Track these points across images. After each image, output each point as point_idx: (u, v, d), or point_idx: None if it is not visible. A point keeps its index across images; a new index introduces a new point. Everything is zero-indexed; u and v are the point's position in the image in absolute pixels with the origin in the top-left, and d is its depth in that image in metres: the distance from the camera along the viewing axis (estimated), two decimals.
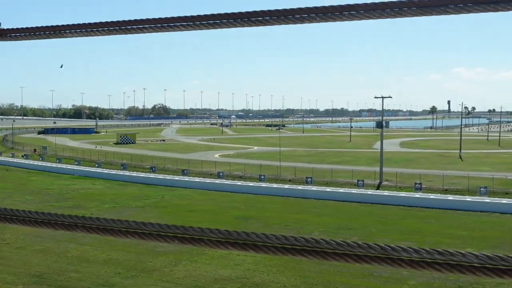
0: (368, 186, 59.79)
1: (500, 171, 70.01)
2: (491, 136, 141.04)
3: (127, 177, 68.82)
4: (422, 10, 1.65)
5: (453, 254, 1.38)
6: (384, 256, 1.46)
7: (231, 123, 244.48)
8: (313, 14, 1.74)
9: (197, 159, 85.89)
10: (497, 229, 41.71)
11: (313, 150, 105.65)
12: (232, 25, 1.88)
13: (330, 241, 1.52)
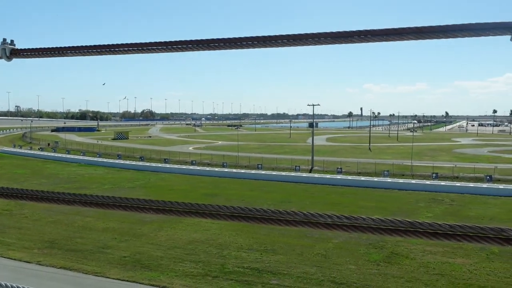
0: (303, 171, 60.43)
1: (398, 158, 71.92)
2: (391, 133, 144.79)
3: (121, 164, 67.30)
4: (341, 40, 1.63)
5: (365, 219, 1.35)
6: (316, 221, 1.42)
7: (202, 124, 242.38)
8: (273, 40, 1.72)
9: (176, 150, 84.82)
10: (396, 201, 42.84)
11: (262, 144, 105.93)
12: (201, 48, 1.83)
13: (275, 211, 1.48)
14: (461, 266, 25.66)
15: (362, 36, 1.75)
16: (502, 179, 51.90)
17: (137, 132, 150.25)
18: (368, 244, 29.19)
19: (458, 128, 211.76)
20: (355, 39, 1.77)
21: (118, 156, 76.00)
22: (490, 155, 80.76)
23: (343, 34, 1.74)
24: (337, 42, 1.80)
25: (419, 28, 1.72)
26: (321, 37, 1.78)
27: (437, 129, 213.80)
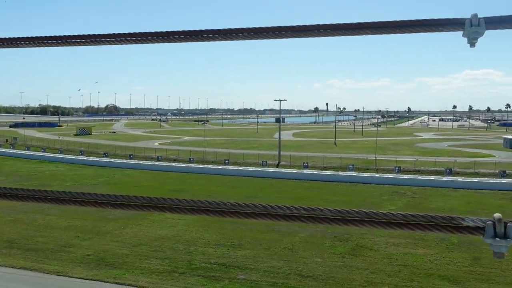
0: (270, 165, 60.76)
1: (363, 153, 73.41)
2: (356, 128, 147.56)
3: (84, 161, 65.63)
4: (302, 33, 1.64)
5: (322, 210, 1.37)
6: (275, 213, 1.44)
7: (168, 119, 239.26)
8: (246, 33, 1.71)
9: (141, 146, 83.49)
10: (360, 195, 43.77)
11: (229, 139, 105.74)
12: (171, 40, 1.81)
13: (242, 204, 1.48)
14: (422, 256, 26.53)
15: (328, 30, 1.77)
16: (461, 172, 53.89)
17: (101, 128, 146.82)
18: (334, 237, 29.72)
19: (420, 123, 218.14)
20: (321, 33, 1.79)
21: (81, 152, 74.07)
22: (450, 149, 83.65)
23: (309, 28, 1.76)
24: (301, 35, 1.82)
25: (376, 23, 1.76)
26: (282, 30, 1.80)
27: (400, 124, 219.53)
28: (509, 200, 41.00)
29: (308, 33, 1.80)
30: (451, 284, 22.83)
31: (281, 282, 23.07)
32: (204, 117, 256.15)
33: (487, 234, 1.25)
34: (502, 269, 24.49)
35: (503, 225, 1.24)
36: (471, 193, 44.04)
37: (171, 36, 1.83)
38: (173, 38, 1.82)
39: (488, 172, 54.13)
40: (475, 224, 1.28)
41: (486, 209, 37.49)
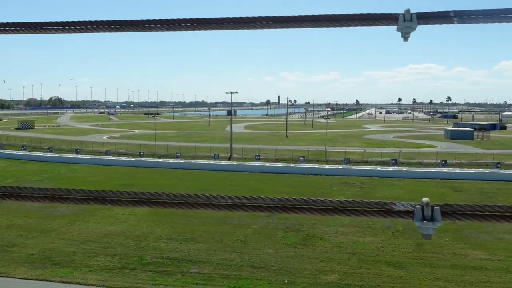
0: (222, 158, 60.65)
1: (313, 145, 74.84)
2: (307, 121, 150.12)
3: (27, 156, 62.54)
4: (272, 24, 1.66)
5: (264, 199, 1.41)
6: (217, 203, 1.45)
7: (116, 112, 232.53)
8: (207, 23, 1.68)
9: (88, 140, 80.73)
10: (311, 186, 44.68)
11: (181, 132, 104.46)
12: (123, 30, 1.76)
13: (193, 195, 1.48)
14: (370, 244, 27.55)
15: (270, 22, 1.79)
16: (405, 163, 56.29)
17: (45, 121, 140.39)
18: (286, 228, 30.21)
19: (367, 116, 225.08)
20: (270, 25, 1.81)
21: (23, 147, 70.48)
22: (395, 140, 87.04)
23: (257, 19, 1.77)
24: (250, 27, 1.83)
25: (316, 16, 1.81)
26: (230, 22, 1.80)
27: (349, 116, 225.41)
28: (449, 188, 43.34)
29: (257, 25, 1.82)
30: (397, 269, 23.89)
31: (234, 274, 23.21)
32: (155, 110, 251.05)
33: (416, 217, 1.33)
34: (443, 254, 25.92)
35: (430, 209, 1.33)
36: (415, 182, 46.13)
37: (116, 25, 1.78)
38: (119, 28, 1.78)
39: (431, 162, 56.88)
40: (406, 208, 1.35)
41: (429, 197, 38.80)
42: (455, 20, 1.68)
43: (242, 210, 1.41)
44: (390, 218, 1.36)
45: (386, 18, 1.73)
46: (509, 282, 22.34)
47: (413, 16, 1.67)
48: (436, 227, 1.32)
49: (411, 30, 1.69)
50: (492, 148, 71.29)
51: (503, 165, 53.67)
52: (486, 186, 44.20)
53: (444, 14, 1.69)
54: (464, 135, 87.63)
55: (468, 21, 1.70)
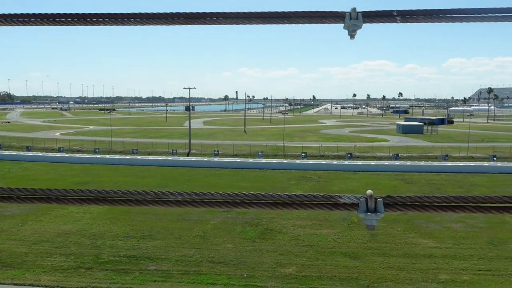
0: (180, 154, 60.01)
1: (271, 140, 75.45)
2: (265, 116, 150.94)
3: None
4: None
5: (213, 194, 1.41)
6: (166, 199, 1.44)
7: (70, 107, 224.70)
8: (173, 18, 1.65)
9: (40, 137, 77.53)
10: (270, 180, 45.04)
11: (138, 128, 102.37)
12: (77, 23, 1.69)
13: (142, 192, 1.46)
14: (326, 236, 28.16)
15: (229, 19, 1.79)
16: (360, 156, 57.84)
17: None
18: (244, 222, 30.33)
19: (323, 111, 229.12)
20: (228, 21, 1.80)
21: None
22: (350, 135, 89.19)
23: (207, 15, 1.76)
24: (206, 23, 1.82)
25: (266, 13, 1.82)
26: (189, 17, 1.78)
27: (306, 111, 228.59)
28: (401, 181, 44.94)
29: (207, 21, 1.81)
30: (352, 260, 24.56)
31: (192, 270, 23.09)
32: (110, 105, 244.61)
33: (361, 209, 1.38)
34: (396, 243, 26.89)
35: (374, 201, 1.37)
36: (369, 175, 47.50)
37: (68, 18, 1.72)
38: (71, 21, 1.72)
39: (384, 155, 58.73)
40: (351, 201, 1.39)
41: (382, 189, 40.73)
42: (398, 19, 1.74)
43: (192, 206, 1.40)
44: (337, 211, 1.40)
45: (333, 16, 1.76)
46: (455, 268, 23.49)
47: (359, 14, 1.72)
48: (379, 218, 1.37)
49: (357, 28, 1.73)
50: (441, 141, 74.51)
51: (450, 157, 56.22)
52: (435, 177, 46.15)
53: (388, 13, 1.74)
54: (414, 129, 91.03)
55: (411, 20, 1.77)
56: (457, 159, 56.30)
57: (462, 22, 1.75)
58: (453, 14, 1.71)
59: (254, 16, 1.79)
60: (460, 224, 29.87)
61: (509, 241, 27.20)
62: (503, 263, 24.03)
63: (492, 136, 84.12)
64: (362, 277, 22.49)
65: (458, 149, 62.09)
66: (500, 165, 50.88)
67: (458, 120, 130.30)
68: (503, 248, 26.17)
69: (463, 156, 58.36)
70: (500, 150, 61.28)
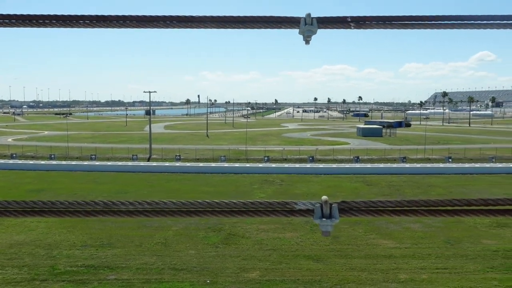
0: (141, 159, 58.95)
1: (234, 144, 75.36)
2: (227, 120, 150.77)
3: None
4: None
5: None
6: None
7: (23, 112, 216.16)
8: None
9: None
10: (233, 185, 44.93)
11: (96, 133, 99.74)
12: None
13: (90, 202, 1.39)
14: (290, 239, 28.36)
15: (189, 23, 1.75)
16: (322, 159, 58.72)
17: None
18: (207, 228, 30.09)
19: (286, 114, 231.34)
20: (182, 24, 1.76)
21: None
22: (312, 138, 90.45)
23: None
24: (158, 26, 1.78)
25: (221, 17, 1.81)
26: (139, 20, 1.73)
27: (268, 115, 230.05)
28: (362, 183, 45.96)
29: (160, 24, 1.77)
30: (315, 262, 24.84)
31: (154, 278, 22.66)
32: (67, 109, 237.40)
33: (316, 215, 1.38)
34: (357, 245, 27.43)
35: (329, 206, 1.38)
36: (331, 178, 48.29)
37: (20, 20, 1.64)
38: (22, 23, 1.64)
39: (345, 158, 59.89)
40: (306, 207, 1.39)
41: (343, 191, 41.52)
42: (352, 25, 1.77)
43: (143, 215, 1.36)
44: (293, 218, 1.39)
45: (289, 21, 1.77)
46: (414, 267, 24.22)
47: (314, 20, 1.73)
48: (334, 223, 1.37)
49: (312, 33, 1.74)
50: (399, 144, 76.83)
51: (408, 159, 58.05)
52: (395, 179, 47.49)
53: (342, 19, 1.77)
54: (374, 132, 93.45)
55: (364, 27, 1.80)
56: (415, 161, 58.21)
57: (413, 29, 1.80)
58: (405, 21, 1.75)
59: (209, 20, 1.77)
60: (418, 225, 30.83)
61: (464, 239, 28.34)
62: (459, 261, 24.98)
63: (447, 138, 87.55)
64: (325, 279, 22.78)
65: (415, 151, 64.18)
66: (455, 166, 53.03)
67: (415, 123, 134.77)
68: (458, 246, 27.23)
69: (420, 158, 60.40)
70: (454, 152, 63.87)
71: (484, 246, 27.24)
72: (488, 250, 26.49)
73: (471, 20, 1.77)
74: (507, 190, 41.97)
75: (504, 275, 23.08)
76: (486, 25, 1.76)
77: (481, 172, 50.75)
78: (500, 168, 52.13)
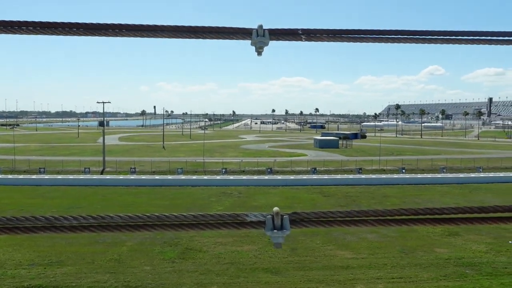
0: (93, 172, 57.23)
1: (191, 156, 74.64)
2: (184, 131, 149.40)
3: None
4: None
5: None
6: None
7: None
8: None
9: None
10: (190, 197, 44.41)
11: (46, 145, 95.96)
12: None
13: (30, 218, 1.33)
14: (248, 252, 28.26)
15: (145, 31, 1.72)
16: (280, 171, 59.23)
17: None
18: (163, 242, 29.50)
19: (244, 126, 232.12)
20: (131, 33, 1.73)
21: None
22: (270, 149, 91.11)
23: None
24: (107, 34, 1.74)
25: (171, 26, 1.79)
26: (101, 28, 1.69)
27: (226, 126, 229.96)
28: (319, 194, 46.66)
29: (117, 33, 1.74)
30: (273, 275, 24.85)
31: None
32: (14, 120, 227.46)
33: (267, 227, 1.38)
34: (315, 256, 27.72)
35: (280, 218, 1.38)
36: (289, 189, 48.73)
37: None
38: None
39: (302, 169, 60.68)
40: (258, 219, 1.39)
41: (301, 202, 41.98)
42: (303, 38, 1.81)
43: (88, 231, 1.31)
44: (244, 230, 1.39)
45: (241, 32, 1.78)
46: (371, 277, 24.72)
47: (266, 31, 1.75)
48: (285, 235, 1.38)
49: (264, 45, 1.76)
50: (355, 155, 78.76)
51: (364, 170, 59.58)
52: (351, 190, 48.54)
53: (293, 31, 1.80)
54: (330, 144, 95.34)
55: (315, 39, 1.84)
56: (370, 171, 59.83)
57: (362, 43, 1.85)
58: (353, 35, 1.81)
59: (159, 29, 1.76)
60: (374, 235, 31.57)
61: (418, 248, 29.28)
62: (413, 270, 25.74)
63: (401, 150, 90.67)
64: None
65: (370, 162, 65.98)
66: (409, 177, 54.97)
67: (370, 134, 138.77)
68: (412, 255, 28.08)
69: (375, 168, 62.16)
70: (407, 163, 66.17)
71: (437, 254, 28.24)
72: (440, 259, 27.48)
73: (420, 35, 1.85)
74: (457, 199, 43.88)
75: (456, 283, 23.99)
76: (436, 40, 1.84)
77: (433, 182, 52.88)
78: (451, 178, 54.49)
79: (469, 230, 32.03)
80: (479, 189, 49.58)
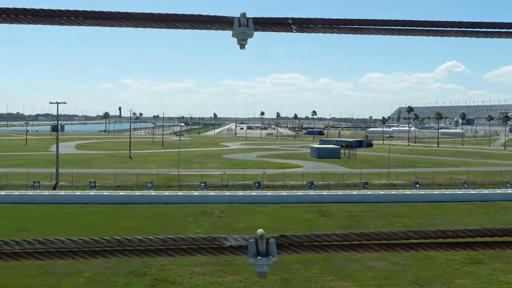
0: (45, 187, 56.68)
1: (163, 167, 74.37)
2: (156, 138, 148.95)
3: None
4: None
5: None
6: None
7: None
8: None
9: None
10: (162, 218, 44.16)
11: None
12: None
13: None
14: (231, 284, 28.16)
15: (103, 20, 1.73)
16: (270, 185, 59.30)
17: None
18: (129, 272, 29.27)
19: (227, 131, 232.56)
20: (105, 22, 1.73)
21: None
22: (258, 160, 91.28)
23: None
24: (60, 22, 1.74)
25: (138, 14, 1.81)
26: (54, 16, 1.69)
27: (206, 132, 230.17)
28: (317, 213, 46.78)
29: (73, 21, 1.73)
30: None
31: None
32: None
33: (250, 253, 1.39)
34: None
35: (265, 242, 1.40)
36: (281, 208, 48.77)
37: None
38: None
39: (297, 184, 60.86)
40: (238, 243, 1.40)
41: (295, 224, 42.04)
42: (294, 28, 1.83)
43: (34, 258, 1.31)
44: (222, 256, 1.40)
45: (220, 21, 1.79)
46: None
47: (250, 21, 1.76)
48: (271, 262, 1.39)
49: (247, 36, 1.77)
50: (359, 167, 79.21)
51: (370, 185, 59.95)
52: (354, 208, 48.77)
53: (282, 21, 1.82)
54: (331, 153, 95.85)
55: (308, 30, 1.86)
56: (377, 186, 60.23)
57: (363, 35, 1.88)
58: (354, 25, 1.84)
59: (123, 17, 1.76)
60: (383, 262, 31.69)
61: (435, 279, 29.43)
62: None
63: (414, 160, 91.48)
64: None
65: (378, 175, 66.42)
66: (423, 193, 55.37)
67: (377, 142, 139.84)
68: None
69: (384, 183, 62.60)
70: (422, 176, 66.76)
71: (457, 286, 28.43)
72: None
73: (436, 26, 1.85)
74: (480, 220, 44.24)
75: None
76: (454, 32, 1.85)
77: (452, 199, 53.33)
78: (473, 194, 54.91)
79: (495, 257, 32.28)
80: (506, 208, 50.13)
